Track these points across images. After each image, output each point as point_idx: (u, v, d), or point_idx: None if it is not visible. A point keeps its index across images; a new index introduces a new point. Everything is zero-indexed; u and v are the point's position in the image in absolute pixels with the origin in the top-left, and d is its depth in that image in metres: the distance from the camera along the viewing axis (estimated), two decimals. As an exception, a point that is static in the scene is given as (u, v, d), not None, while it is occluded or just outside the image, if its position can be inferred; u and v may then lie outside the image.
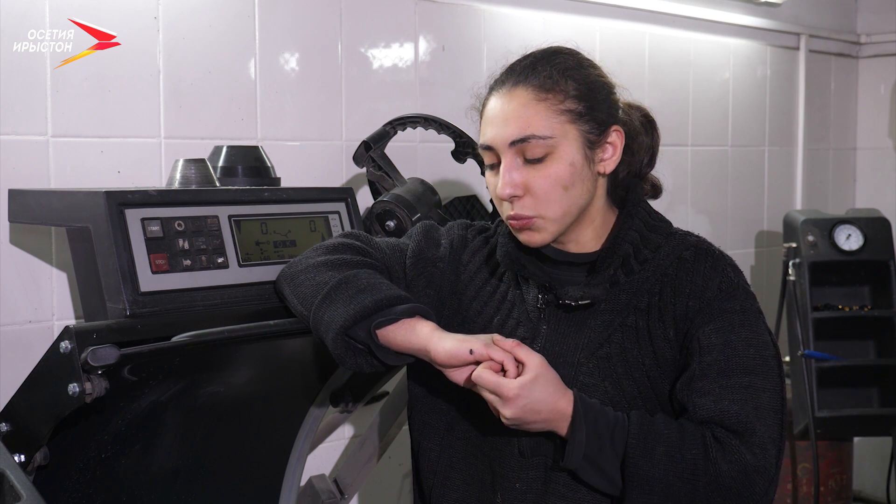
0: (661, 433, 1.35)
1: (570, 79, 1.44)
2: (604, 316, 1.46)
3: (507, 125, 1.43)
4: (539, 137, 1.41)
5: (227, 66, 2.14)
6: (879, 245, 3.18)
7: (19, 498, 1.24)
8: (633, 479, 1.34)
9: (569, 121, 1.43)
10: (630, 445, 1.34)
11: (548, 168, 1.42)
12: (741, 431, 1.36)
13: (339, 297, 1.42)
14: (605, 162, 1.47)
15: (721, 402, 1.37)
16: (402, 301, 1.42)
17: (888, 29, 3.84)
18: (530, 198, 1.43)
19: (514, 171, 1.43)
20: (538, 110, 1.42)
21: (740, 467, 1.34)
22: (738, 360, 1.40)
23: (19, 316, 1.89)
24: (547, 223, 1.44)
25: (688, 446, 1.35)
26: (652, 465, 1.33)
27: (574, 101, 1.43)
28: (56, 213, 1.61)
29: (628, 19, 3.04)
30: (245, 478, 1.91)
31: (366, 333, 1.40)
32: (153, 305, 1.47)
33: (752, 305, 1.45)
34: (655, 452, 1.34)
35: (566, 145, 1.42)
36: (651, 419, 1.37)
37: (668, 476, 1.33)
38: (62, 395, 1.35)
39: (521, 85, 1.44)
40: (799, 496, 3.19)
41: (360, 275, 1.45)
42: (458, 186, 2.48)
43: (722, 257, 1.48)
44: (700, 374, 1.39)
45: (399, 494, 2.57)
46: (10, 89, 1.84)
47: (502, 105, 1.45)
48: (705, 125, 3.36)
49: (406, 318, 1.40)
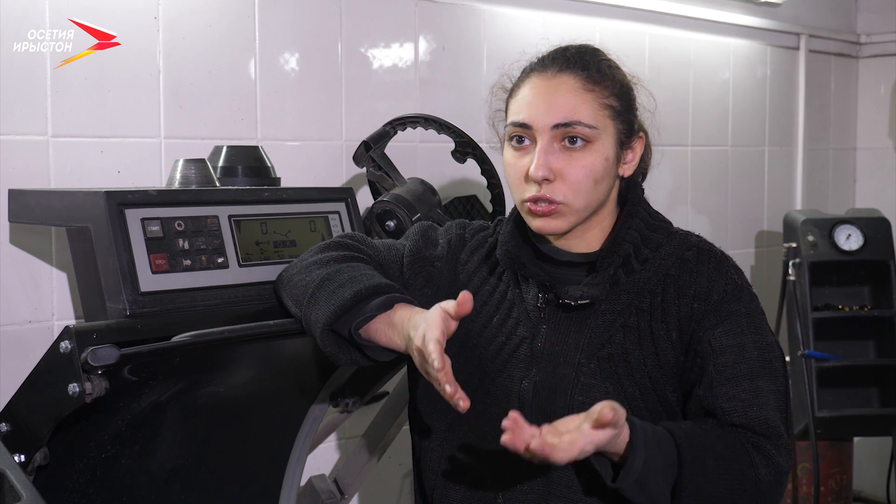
0: (708, 442, 1.33)
1: (615, 77, 1.47)
2: (605, 316, 1.46)
3: (551, 108, 1.43)
4: (585, 125, 1.42)
5: (227, 66, 2.14)
6: (879, 245, 3.18)
7: (19, 498, 1.24)
8: (689, 495, 1.31)
9: (610, 116, 1.45)
10: (685, 463, 1.30)
11: (584, 158, 1.43)
12: (771, 435, 1.36)
13: (322, 295, 1.42)
14: (627, 165, 1.50)
15: (750, 408, 1.37)
16: (383, 290, 1.40)
17: (888, 29, 3.84)
18: (561, 183, 1.43)
19: (550, 154, 1.42)
20: (586, 99, 1.43)
21: (776, 472, 1.35)
22: (753, 364, 1.40)
23: (19, 316, 1.89)
24: (570, 212, 1.44)
25: (734, 455, 1.34)
26: (706, 480, 1.31)
27: (615, 98, 1.46)
28: (56, 213, 1.61)
29: (628, 19, 3.04)
30: (245, 478, 1.91)
31: (349, 331, 1.40)
32: (153, 305, 1.47)
33: (756, 307, 1.46)
34: (707, 465, 1.31)
35: (605, 139, 1.44)
36: (691, 429, 1.34)
37: (719, 488, 1.32)
38: (62, 395, 1.35)
39: (569, 72, 1.45)
40: (799, 496, 3.19)
41: (342, 269, 1.45)
42: (458, 186, 2.48)
43: (725, 258, 1.49)
44: (719, 378, 1.38)
45: (399, 494, 2.57)
46: (10, 89, 1.84)
47: (547, 88, 1.44)
48: (705, 125, 3.36)
49: (382, 312, 1.38)
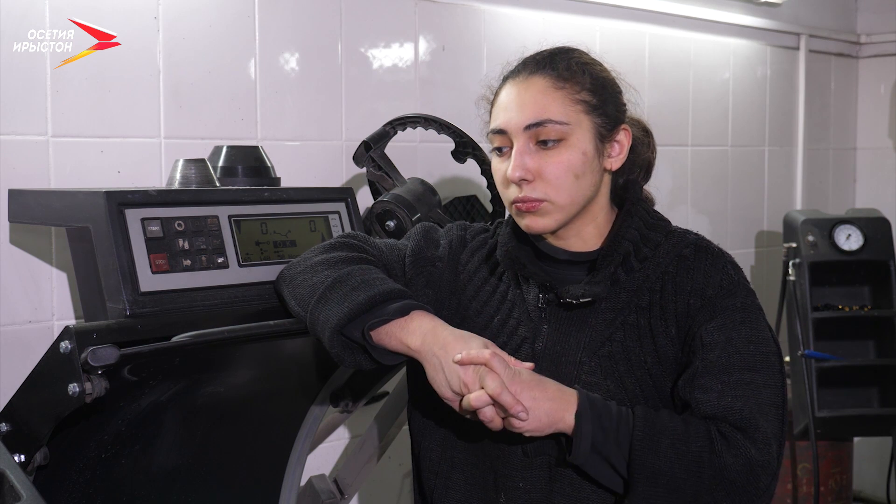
0: (666, 426, 1.35)
1: (586, 72, 1.48)
2: (605, 314, 1.47)
3: (523, 110, 1.45)
4: (555, 122, 1.43)
5: (227, 66, 2.14)
6: (879, 245, 3.17)
7: (19, 498, 1.24)
8: (640, 472, 1.34)
9: (583, 111, 1.45)
10: (636, 438, 1.34)
11: (561, 154, 1.44)
12: (745, 427, 1.36)
13: (334, 296, 1.42)
14: (613, 159, 1.50)
15: (724, 398, 1.38)
16: (397, 296, 1.41)
17: (888, 29, 3.84)
18: (540, 182, 1.44)
19: (526, 155, 1.44)
20: (555, 97, 1.45)
21: (745, 462, 1.34)
22: (740, 358, 1.40)
23: (19, 316, 1.89)
24: (553, 209, 1.45)
25: (693, 439, 1.35)
26: (658, 458, 1.33)
27: (589, 93, 1.46)
28: (56, 213, 1.61)
29: (628, 19, 3.04)
30: (245, 478, 1.91)
31: (360, 333, 1.40)
32: (153, 305, 1.47)
33: (752, 302, 1.46)
34: (661, 445, 1.34)
35: (580, 134, 1.45)
36: (655, 413, 1.38)
37: (674, 468, 1.33)
38: (62, 395, 1.35)
39: (539, 74, 1.47)
40: (799, 496, 3.19)
41: (354, 272, 1.45)
42: (458, 186, 2.48)
43: (722, 255, 1.49)
44: (702, 371, 1.40)
45: (399, 494, 2.57)
46: (10, 89, 1.84)
47: (518, 91, 1.47)
48: (705, 125, 3.36)
49: (398, 317, 1.39)
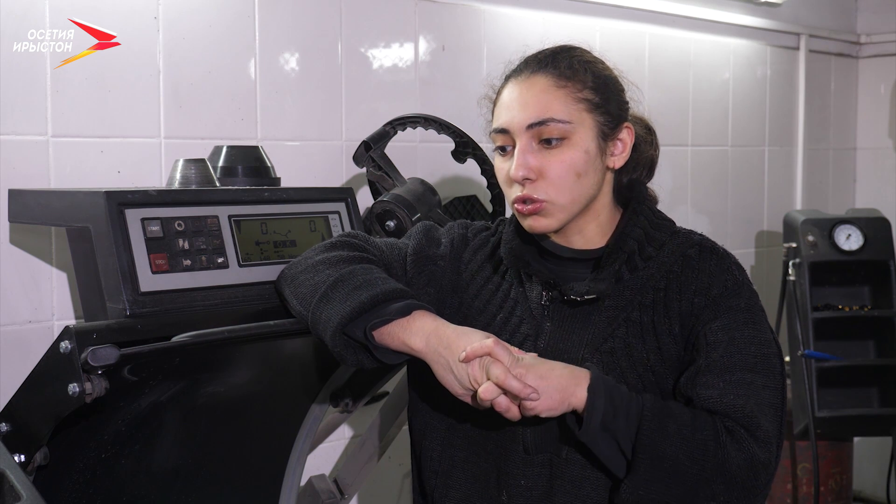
0: (674, 412, 1.36)
1: (588, 71, 1.48)
2: (608, 312, 1.47)
3: (525, 109, 1.45)
4: (557, 121, 1.44)
5: (227, 66, 2.14)
6: (879, 245, 3.17)
7: (19, 498, 1.24)
8: (644, 452, 1.34)
9: (586, 109, 1.46)
10: (645, 418, 1.34)
11: (563, 153, 1.44)
12: (747, 425, 1.37)
13: (336, 295, 1.42)
14: (616, 157, 1.50)
15: (726, 395, 1.38)
16: (399, 295, 1.42)
17: (888, 29, 3.84)
18: (543, 181, 1.45)
19: (528, 154, 1.44)
20: (557, 96, 1.45)
21: (748, 458, 1.35)
22: (742, 358, 1.41)
23: (19, 316, 1.89)
24: (556, 209, 1.46)
25: (700, 427, 1.35)
26: (664, 440, 1.34)
27: (591, 91, 1.46)
28: (56, 213, 1.61)
29: (628, 19, 3.04)
30: (245, 478, 1.91)
31: (362, 332, 1.40)
32: (153, 305, 1.47)
33: (756, 303, 1.47)
34: (668, 428, 1.34)
35: (582, 132, 1.45)
36: (664, 401, 1.38)
37: (679, 453, 1.34)
38: (62, 395, 1.35)
39: (541, 72, 1.47)
40: (799, 496, 3.19)
41: (356, 271, 1.45)
42: (458, 186, 2.48)
43: (726, 255, 1.50)
44: (705, 369, 1.40)
45: (399, 494, 2.57)
46: (10, 89, 1.84)
47: (521, 90, 1.47)
48: (705, 125, 3.36)
49: (400, 317, 1.40)
